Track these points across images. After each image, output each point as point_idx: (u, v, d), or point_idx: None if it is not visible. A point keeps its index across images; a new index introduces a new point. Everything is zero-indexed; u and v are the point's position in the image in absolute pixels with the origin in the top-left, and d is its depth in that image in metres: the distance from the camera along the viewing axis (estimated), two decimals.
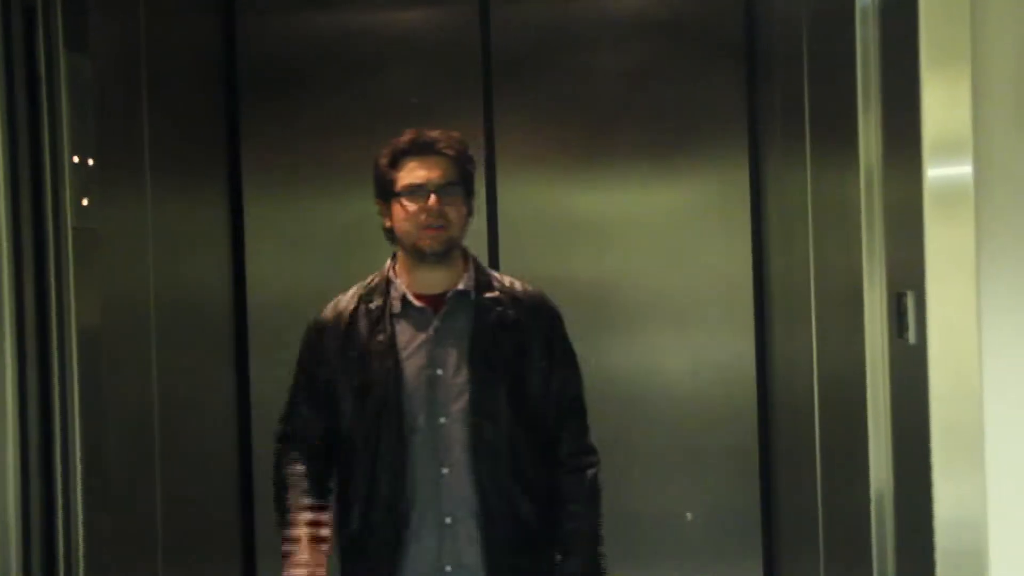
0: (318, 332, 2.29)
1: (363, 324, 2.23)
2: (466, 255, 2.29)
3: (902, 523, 1.95)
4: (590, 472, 2.29)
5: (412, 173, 2.18)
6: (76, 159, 2.19)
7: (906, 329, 1.83)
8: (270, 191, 3.35)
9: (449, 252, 2.21)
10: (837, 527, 2.40)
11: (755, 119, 3.27)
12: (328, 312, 2.30)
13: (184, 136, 3.01)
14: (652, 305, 3.30)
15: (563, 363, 2.28)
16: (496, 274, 2.31)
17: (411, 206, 2.18)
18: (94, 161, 2.25)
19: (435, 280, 2.23)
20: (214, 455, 3.24)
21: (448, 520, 2.17)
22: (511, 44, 3.32)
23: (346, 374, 2.23)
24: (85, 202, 2.22)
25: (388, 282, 2.26)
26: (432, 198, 2.16)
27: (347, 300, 2.30)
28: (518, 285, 2.30)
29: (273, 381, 3.33)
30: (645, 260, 3.31)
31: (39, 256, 2.14)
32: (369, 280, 2.30)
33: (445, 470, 2.17)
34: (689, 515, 3.24)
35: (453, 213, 2.19)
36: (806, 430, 2.59)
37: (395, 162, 2.21)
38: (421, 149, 2.20)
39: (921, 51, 1.76)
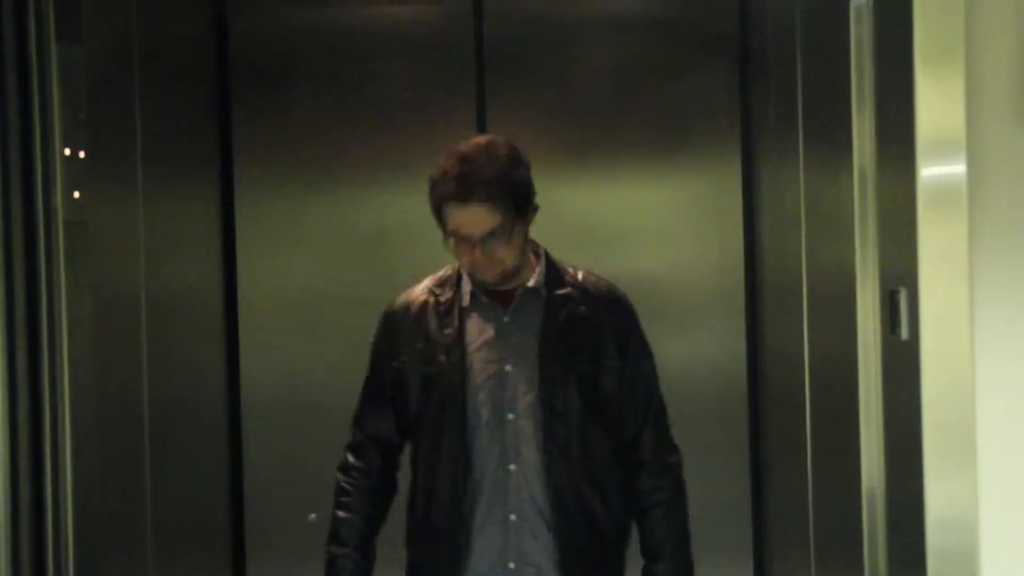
0: (387, 324, 2.28)
1: (432, 316, 2.22)
2: (537, 251, 2.25)
3: (893, 521, 1.95)
4: (675, 471, 2.28)
5: (455, 221, 2.10)
6: (67, 151, 2.18)
7: (899, 325, 1.84)
8: (262, 186, 3.34)
9: (508, 277, 2.17)
10: (828, 524, 2.41)
11: (749, 116, 3.28)
12: (398, 303, 2.28)
13: (176, 130, 2.99)
14: (644, 302, 3.26)
15: (637, 359, 2.26)
16: (570, 268, 2.27)
17: (459, 248, 2.13)
18: (85, 154, 2.24)
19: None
20: (204, 450, 3.23)
21: (513, 517, 2.16)
22: (504, 38, 3.32)
23: (413, 366, 2.21)
24: (76, 195, 2.21)
25: (459, 276, 2.23)
26: (477, 250, 2.10)
27: (418, 292, 2.27)
28: (591, 279, 2.27)
29: (264, 376, 3.36)
30: (637, 256, 3.31)
31: (30, 248, 2.12)
32: (441, 272, 2.28)
33: (512, 467, 2.16)
34: None
35: (503, 251, 2.11)
36: (797, 426, 2.59)
37: (440, 202, 2.12)
38: (461, 197, 2.08)
39: (915, 49, 1.77)
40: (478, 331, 2.19)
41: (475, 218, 2.08)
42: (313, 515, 3.19)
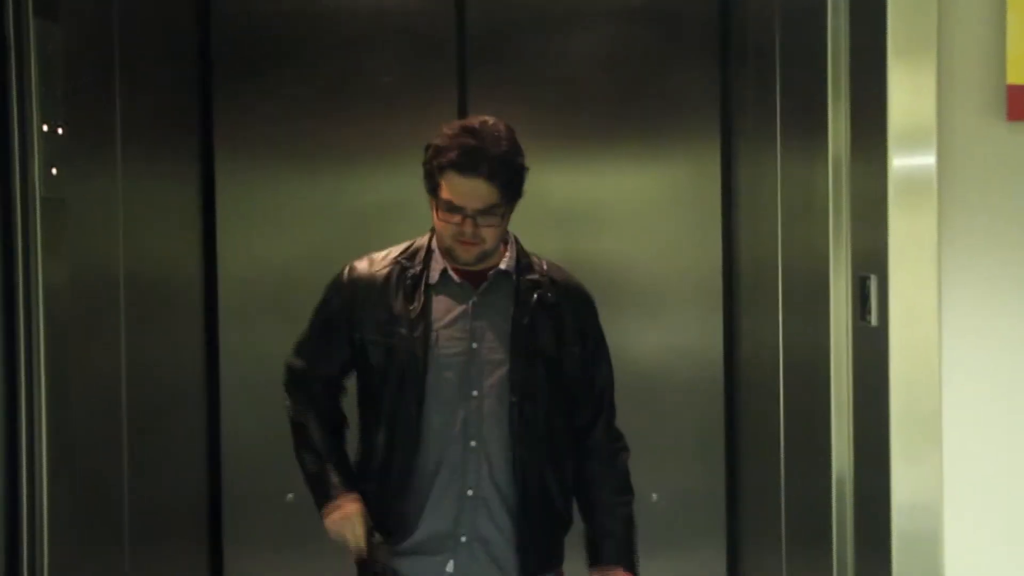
0: (348, 284, 2.25)
1: (397, 288, 2.21)
2: (506, 237, 2.26)
3: (861, 505, 1.98)
4: (622, 458, 2.33)
5: (454, 190, 2.10)
6: (45, 127, 2.16)
7: (869, 312, 1.86)
8: (242, 166, 3.32)
9: (483, 259, 2.18)
10: (799, 508, 2.44)
11: (728, 106, 3.29)
12: (361, 268, 2.25)
13: (156, 109, 2.97)
14: (623, 289, 3.32)
15: (597, 351, 2.31)
16: (535, 257, 2.30)
17: (449, 219, 2.13)
18: (64, 130, 2.23)
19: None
20: (182, 430, 3.22)
21: (470, 492, 2.18)
22: (486, 26, 3.32)
23: (376, 338, 2.21)
24: (54, 171, 2.20)
25: (429, 251, 2.23)
26: (468, 222, 2.11)
27: (383, 260, 2.25)
28: (556, 270, 2.30)
29: (243, 356, 3.36)
30: (617, 244, 3.32)
31: (6, 225, 2.11)
32: (408, 245, 2.27)
33: (474, 443, 2.18)
34: (655, 496, 3.28)
35: (489, 232, 2.13)
36: (771, 412, 2.62)
37: (441, 169, 2.12)
38: (466, 168, 2.10)
39: (888, 42, 1.79)
40: (446, 308, 2.20)
41: (476, 191, 2.10)
42: (290, 495, 3.20)
